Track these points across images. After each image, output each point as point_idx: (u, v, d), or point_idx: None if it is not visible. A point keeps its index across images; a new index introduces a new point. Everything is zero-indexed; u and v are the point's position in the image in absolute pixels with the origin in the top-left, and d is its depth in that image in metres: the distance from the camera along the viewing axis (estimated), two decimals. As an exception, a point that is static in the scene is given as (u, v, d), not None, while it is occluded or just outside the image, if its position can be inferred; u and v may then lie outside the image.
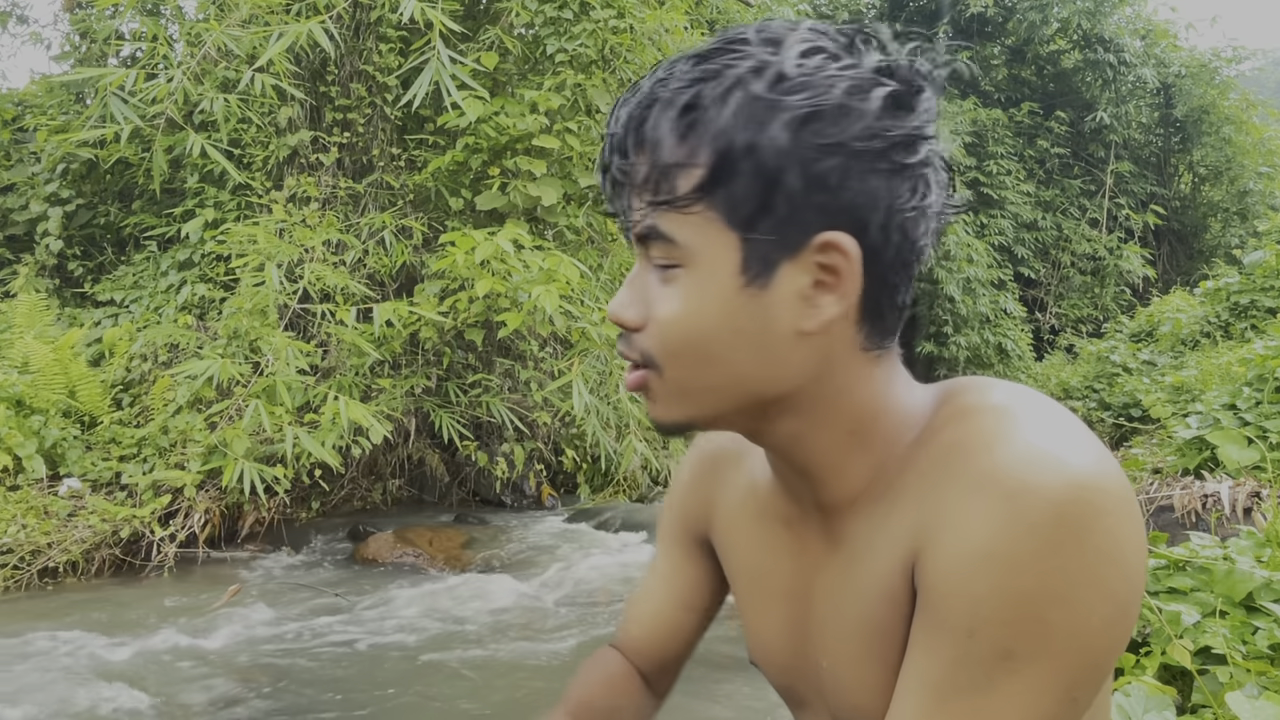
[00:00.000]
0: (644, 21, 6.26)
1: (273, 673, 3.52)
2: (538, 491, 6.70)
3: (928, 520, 0.59)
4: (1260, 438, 3.46)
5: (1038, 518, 0.54)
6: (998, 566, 0.55)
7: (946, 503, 0.58)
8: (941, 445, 0.62)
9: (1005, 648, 0.55)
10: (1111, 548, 0.55)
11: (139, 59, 6.40)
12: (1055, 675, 0.55)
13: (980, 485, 0.57)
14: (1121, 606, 0.56)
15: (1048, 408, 0.61)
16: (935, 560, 0.58)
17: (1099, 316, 14.92)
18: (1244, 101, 15.45)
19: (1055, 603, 0.54)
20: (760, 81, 0.59)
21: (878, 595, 0.64)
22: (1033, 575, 0.54)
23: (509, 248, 4.91)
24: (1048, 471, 0.55)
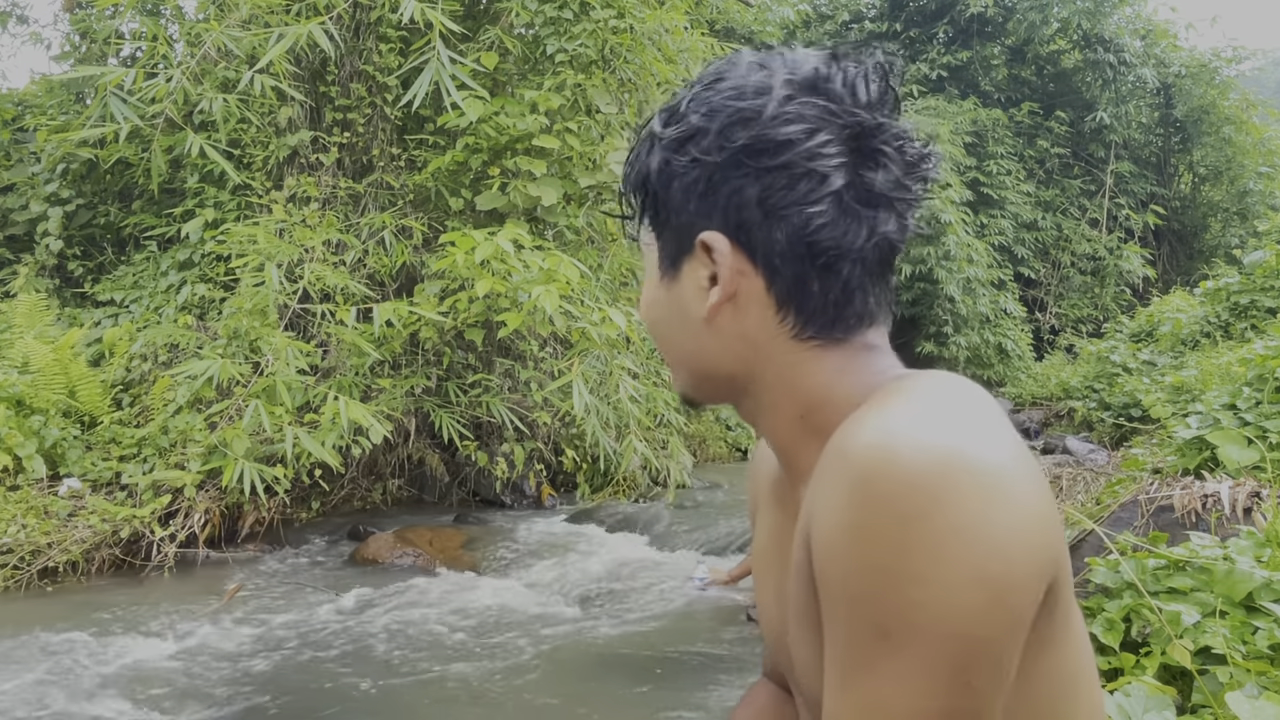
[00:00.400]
0: (644, 21, 6.25)
1: (273, 672, 3.52)
2: (538, 491, 6.70)
3: (812, 502, 0.63)
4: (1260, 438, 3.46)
5: (888, 491, 0.55)
6: (855, 540, 0.56)
7: (819, 483, 0.62)
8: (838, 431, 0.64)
9: (879, 625, 0.55)
10: (976, 527, 0.54)
11: (139, 59, 6.40)
12: (934, 658, 0.54)
13: (840, 464, 0.59)
14: (998, 590, 0.54)
15: (940, 392, 0.63)
16: (814, 538, 0.61)
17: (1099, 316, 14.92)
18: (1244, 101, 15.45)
19: (916, 580, 0.54)
20: (659, 122, 0.73)
21: (795, 572, 0.67)
22: (888, 550, 0.55)
23: (509, 248, 4.91)
24: (901, 449, 0.56)
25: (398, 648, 3.81)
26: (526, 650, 3.78)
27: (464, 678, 3.48)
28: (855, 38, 16.76)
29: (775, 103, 0.67)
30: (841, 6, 16.87)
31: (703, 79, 0.72)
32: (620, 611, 4.28)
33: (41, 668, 3.46)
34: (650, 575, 4.82)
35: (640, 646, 3.82)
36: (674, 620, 4.14)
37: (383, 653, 3.75)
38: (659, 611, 4.26)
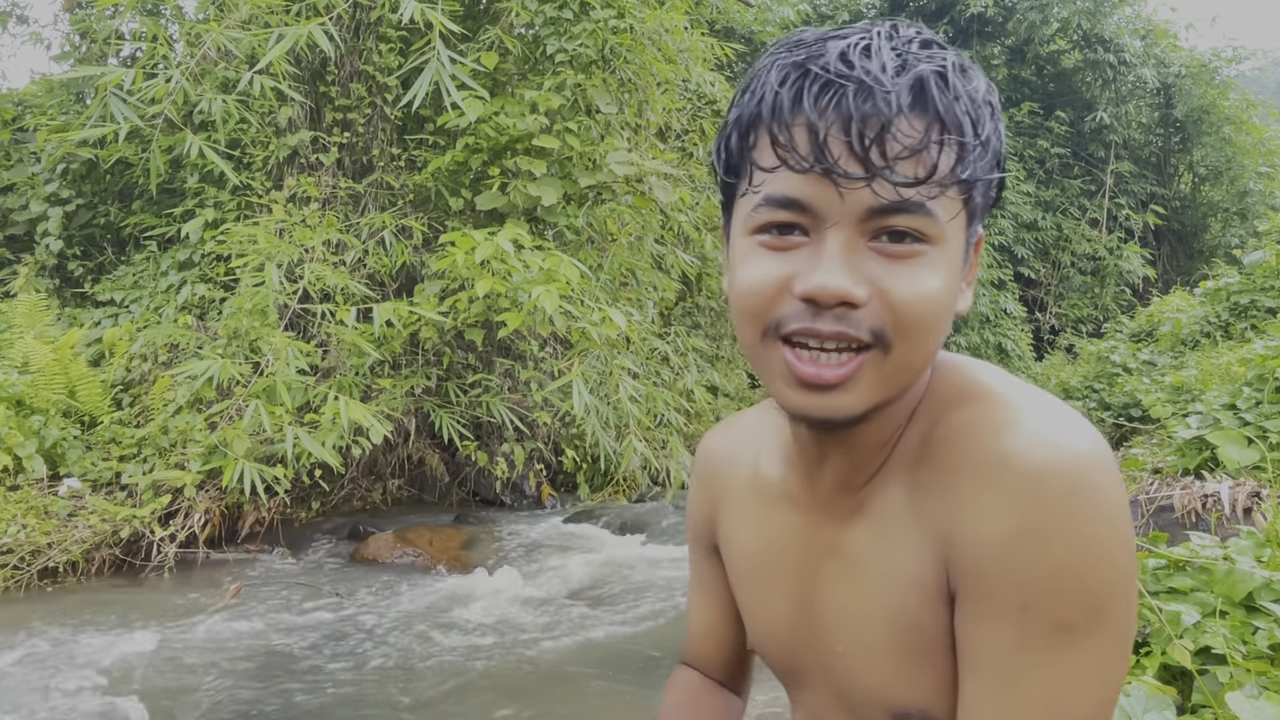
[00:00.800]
0: (644, 21, 6.25)
1: (273, 672, 3.52)
2: (538, 491, 6.70)
3: (954, 509, 0.63)
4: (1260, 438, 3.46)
5: (1057, 490, 0.59)
6: (1032, 541, 0.59)
7: (969, 489, 0.63)
8: (954, 429, 0.66)
9: (1060, 621, 0.59)
10: (1120, 507, 0.60)
11: (139, 59, 6.40)
12: (1113, 635, 0.60)
13: (1000, 470, 0.61)
14: (1132, 550, 0.61)
15: (1040, 396, 0.67)
16: (971, 547, 0.62)
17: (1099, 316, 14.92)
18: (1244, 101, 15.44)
19: (1093, 564, 0.59)
20: (979, 77, 0.65)
21: (907, 584, 0.67)
22: (1065, 547, 0.58)
23: (509, 248, 4.91)
24: (1056, 450, 0.61)
25: (398, 648, 3.81)
26: (526, 650, 3.78)
27: (464, 677, 3.48)
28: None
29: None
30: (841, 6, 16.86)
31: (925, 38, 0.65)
32: (620, 611, 4.28)
33: (41, 668, 3.46)
34: (650, 575, 4.82)
35: (640, 646, 3.82)
36: (674, 620, 4.14)
37: (383, 653, 3.75)
38: (659, 611, 4.26)
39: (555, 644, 3.85)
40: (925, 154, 0.61)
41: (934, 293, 0.63)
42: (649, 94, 6.59)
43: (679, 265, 7.69)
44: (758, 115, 0.65)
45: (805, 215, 0.63)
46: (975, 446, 0.64)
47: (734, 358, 10.05)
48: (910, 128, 0.61)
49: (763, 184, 0.65)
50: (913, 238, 0.63)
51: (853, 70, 0.61)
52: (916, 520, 0.66)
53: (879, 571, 0.69)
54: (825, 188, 0.62)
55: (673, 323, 8.79)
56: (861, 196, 0.61)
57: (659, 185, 6.31)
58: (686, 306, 9.38)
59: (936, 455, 0.66)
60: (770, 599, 0.81)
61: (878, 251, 0.63)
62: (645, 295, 7.12)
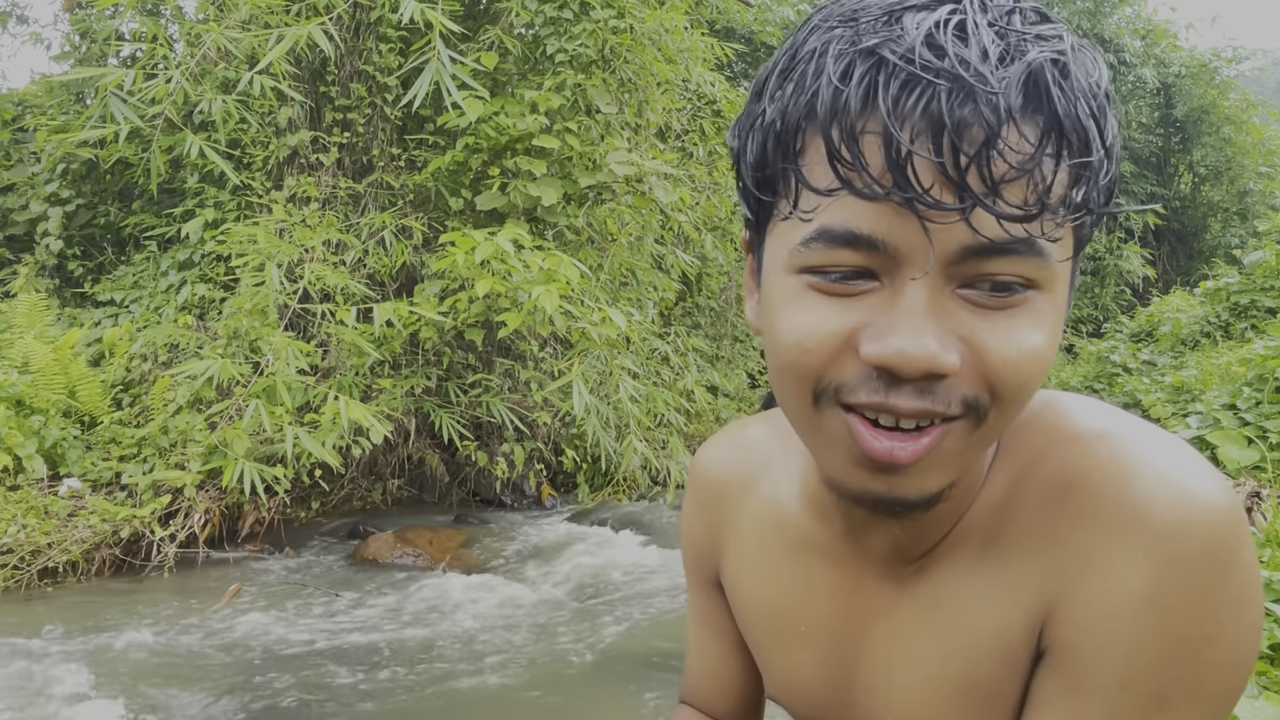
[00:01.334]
0: (644, 21, 6.25)
1: (273, 673, 3.52)
2: (538, 491, 6.70)
3: (1060, 570, 0.54)
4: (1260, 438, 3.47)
5: (1193, 556, 0.50)
6: (1155, 612, 0.51)
7: (1084, 548, 0.53)
8: (1050, 479, 0.56)
9: (1159, 695, 0.51)
10: (1253, 578, 0.52)
11: (139, 59, 6.40)
12: (1207, 714, 0.52)
13: (1127, 526, 0.52)
14: (1258, 633, 0.53)
15: (1152, 430, 0.56)
16: (1080, 612, 0.53)
17: (1099, 316, 14.91)
18: (1244, 101, 15.45)
19: (1209, 642, 0.51)
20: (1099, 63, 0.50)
21: (987, 653, 0.58)
22: (1189, 617, 0.50)
23: (509, 248, 4.91)
24: (1194, 505, 0.51)
25: (398, 648, 3.80)
26: (526, 650, 3.78)
27: (464, 678, 3.48)
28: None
29: None
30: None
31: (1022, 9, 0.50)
32: (620, 611, 4.28)
33: (41, 668, 3.46)
34: (650, 575, 4.81)
35: (640, 647, 3.82)
36: (674, 621, 4.14)
37: (383, 653, 3.75)
38: (660, 612, 4.26)
39: (555, 644, 3.85)
40: (1038, 175, 0.47)
41: (1039, 349, 0.51)
42: (649, 94, 6.59)
43: (679, 265, 7.69)
44: (810, 115, 0.49)
45: (876, 255, 0.49)
46: (1091, 496, 0.53)
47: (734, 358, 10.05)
48: (1020, 139, 0.47)
49: (815, 211, 0.50)
50: (1015, 283, 0.50)
51: (944, 60, 0.46)
52: (1003, 582, 0.57)
53: (951, 639, 0.59)
54: (906, 221, 0.48)
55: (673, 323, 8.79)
56: (954, 234, 0.48)
57: (659, 185, 6.30)
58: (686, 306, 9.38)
59: (1034, 508, 0.56)
60: (798, 662, 0.71)
61: (970, 301, 0.50)
62: (645, 295, 7.12)
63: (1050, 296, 0.51)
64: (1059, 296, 0.52)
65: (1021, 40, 0.47)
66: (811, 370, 0.52)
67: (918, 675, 0.62)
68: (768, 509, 0.72)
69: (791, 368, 0.53)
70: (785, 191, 0.52)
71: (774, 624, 0.72)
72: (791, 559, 0.69)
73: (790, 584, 0.70)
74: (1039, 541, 0.55)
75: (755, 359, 10.73)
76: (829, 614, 0.67)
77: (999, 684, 0.58)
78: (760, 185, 0.54)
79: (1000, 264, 0.49)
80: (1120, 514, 0.52)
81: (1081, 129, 0.47)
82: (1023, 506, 0.57)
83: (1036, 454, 0.57)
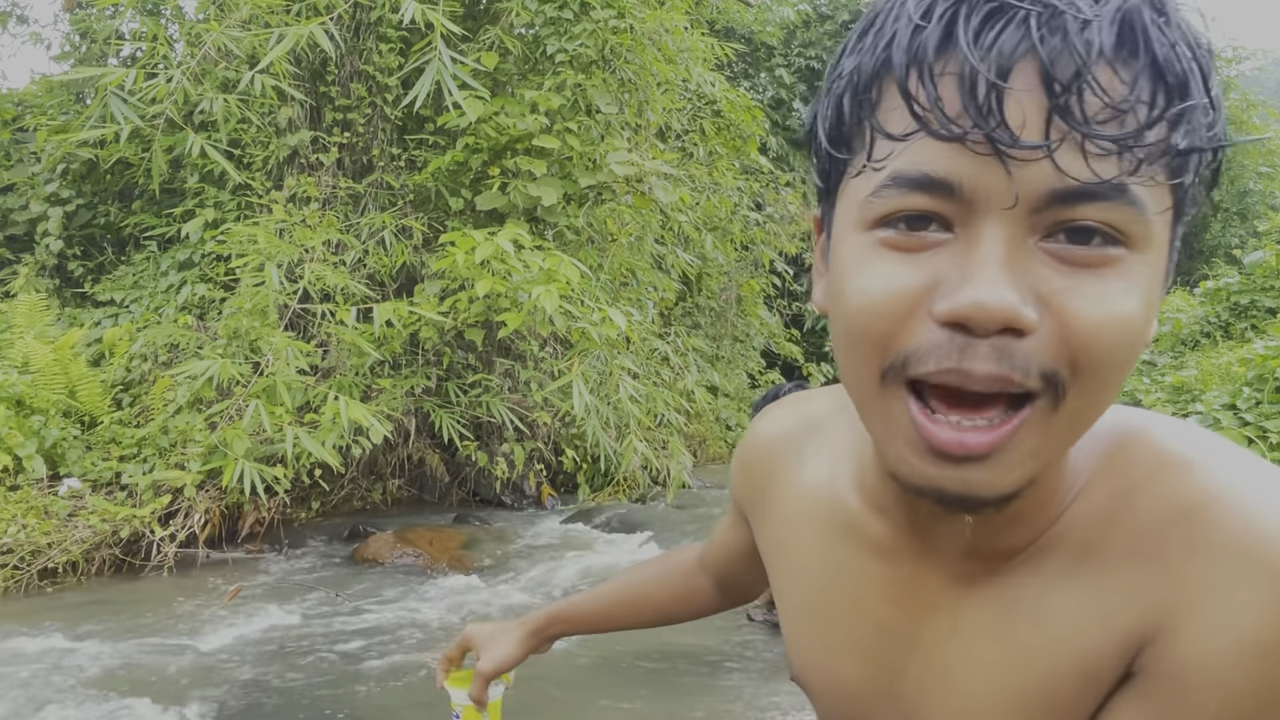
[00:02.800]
0: (644, 21, 6.25)
1: (273, 673, 3.52)
2: (538, 491, 6.70)
3: (1169, 598, 0.50)
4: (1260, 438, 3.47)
5: None
6: (1265, 655, 0.47)
7: (1198, 578, 0.49)
8: (1165, 502, 0.52)
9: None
10: None
11: (139, 59, 6.40)
12: None
13: (1248, 562, 0.48)
14: None
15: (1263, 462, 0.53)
16: (1186, 645, 0.49)
17: (1099, 316, 14.93)
18: (1244, 101, 15.46)
19: None
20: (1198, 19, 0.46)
21: (1067, 670, 0.55)
22: None
23: (509, 248, 4.91)
24: None
25: (398, 648, 3.80)
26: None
27: (464, 678, 3.48)
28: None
29: None
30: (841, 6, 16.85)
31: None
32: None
33: (41, 668, 3.46)
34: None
35: (639, 647, 3.82)
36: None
37: (383, 653, 3.75)
38: (659, 611, 4.26)
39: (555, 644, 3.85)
40: (1131, 118, 0.43)
41: (1131, 317, 0.46)
42: (649, 94, 6.59)
43: (679, 265, 7.70)
44: (887, 61, 0.46)
45: (951, 201, 0.46)
46: (1211, 526, 0.50)
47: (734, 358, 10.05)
48: (1114, 79, 0.43)
49: (888, 157, 0.47)
50: (1105, 237, 0.45)
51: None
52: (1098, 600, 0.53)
53: (1027, 649, 0.56)
54: (984, 162, 0.44)
55: (673, 323, 8.79)
56: (1039, 174, 0.44)
57: (659, 185, 6.31)
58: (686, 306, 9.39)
59: (1143, 529, 0.52)
60: (834, 647, 0.67)
61: (1053, 256, 0.46)
62: (645, 295, 7.12)
63: (1146, 259, 0.46)
64: (1156, 260, 0.47)
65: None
66: (881, 338, 0.48)
67: (983, 682, 0.58)
68: (820, 490, 0.69)
69: (859, 337, 0.49)
70: (860, 145, 0.49)
71: (811, 604, 0.69)
72: (840, 544, 0.66)
73: (836, 570, 0.67)
74: (1147, 564, 0.51)
75: (755, 359, 10.73)
76: (877, 606, 0.64)
77: (1074, 702, 0.55)
78: (835, 144, 0.51)
79: (1089, 210, 0.44)
80: (1242, 549, 0.48)
81: (1180, 72, 0.44)
82: (1129, 525, 0.53)
83: (1146, 474, 0.53)
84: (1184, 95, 0.44)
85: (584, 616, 1.06)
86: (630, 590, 1.05)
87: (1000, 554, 0.57)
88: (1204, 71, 0.45)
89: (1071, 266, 0.45)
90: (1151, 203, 0.45)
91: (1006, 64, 0.43)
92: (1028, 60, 0.43)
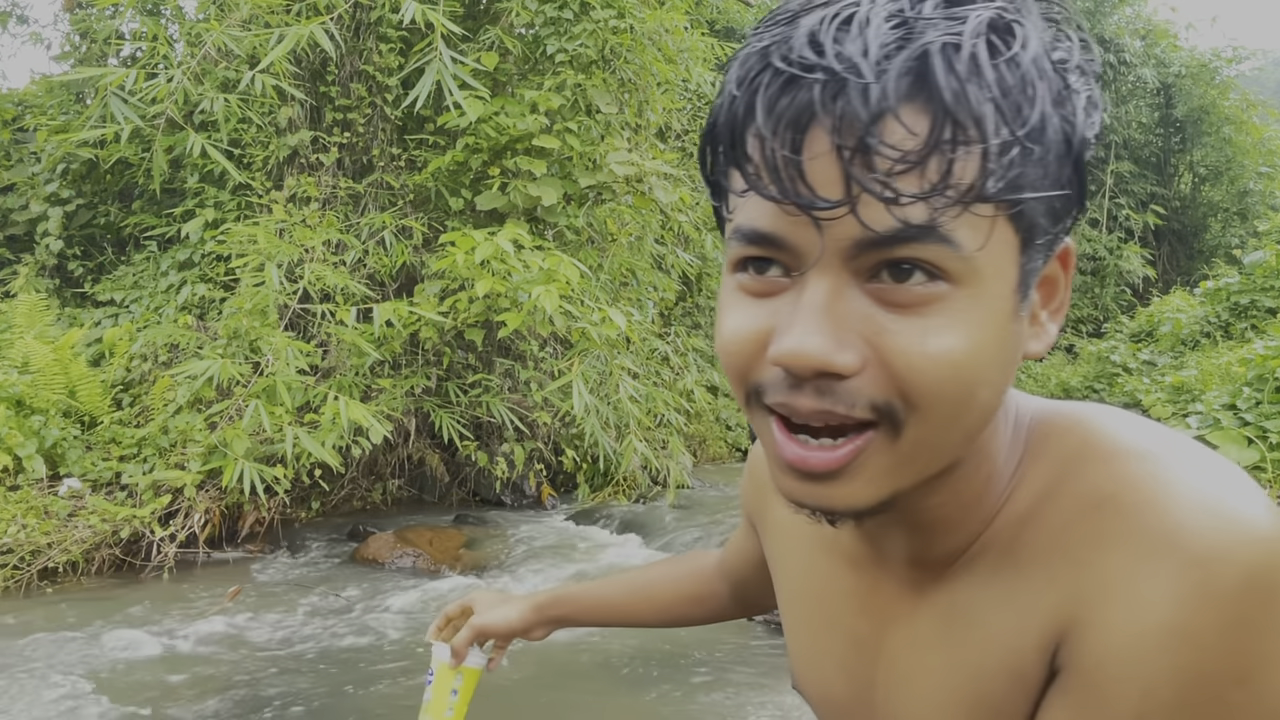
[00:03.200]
0: (644, 21, 6.25)
1: (273, 673, 3.52)
2: (538, 491, 6.70)
3: (1081, 591, 0.51)
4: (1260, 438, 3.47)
5: (1228, 588, 0.46)
6: (1181, 645, 0.47)
7: (1109, 570, 0.50)
8: (1080, 495, 0.53)
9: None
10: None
11: (139, 59, 6.40)
12: None
13: (1157, 550, 0.48)
14: None
15: (1196, 449, 0.53)
16: (1098, 638, 0.50)
17: (1099, 316, 14.92)
18: (1244, 101, 15.45)
19: (1237, 683, 0.47)
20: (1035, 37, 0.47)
21: (997, 671, 0.55)
22: (1218, 654, 0.47)
23: (509, 248, 4.91)
24: (1234, 532, 0.47)
25: (398, 648, 3.80)
26: (526, 650, 3.78)
27: (464, 678, 3.48)
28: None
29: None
30: (841, 6, 16.86)
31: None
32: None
33: (41, 668, 3.46)
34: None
35: (640, 647, 3.82)
36: (674, 620, 4.14)
37: (383, 653, 3.75)
38: (659, 611, 4.26)
39: (555, 645, 3.85)
40: (932, 162, 0.45)
41: (953, 352, 0.47)
42: (649, 94, 6.59)
43: (679, 265, 7.70)
44: (714, 125, 0.51)
45: (782, 252, 0.49)
46: (1121, 516, 0.50)
47: (734, 358, 10.03)
48: (906, 130, 0.44)
49: (734, 211, 0.52)
50: (924, 273, 0.47)
51: (822, 56, 0.45)
52: (1018, 598, 0.54)
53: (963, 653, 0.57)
54: (799, 219, 0.47)
55: (673, 323, 8.79)
56: (847, 227, 0.46)
57: (659, 185, 6.31)
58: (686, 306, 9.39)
59: (1059, 525, 0.53)
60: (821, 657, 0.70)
61: (877, 297, 0.48)
62: (645, 295, 7.12)
63: (972, 294, 0.47)
64: (985, 295, 0.48)
65: (924, 26, 0.45)
66: (739, 370, 0.53)
67: (934, 691, 0.59)
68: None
69: (727, 366, 0.54)
70: (722, 195, 0.53)
71: (802, 613, 0.72)
72: (822, 556, 0.69)
73: (813, 578, 0.70)
74: (1060, 559, 0.52)
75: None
76: (851, 618, 0.66)
77: (1006, 703, 0.55)
78: (713, 192, 0.55)
79: (902, 250, 0.46)
80: (1150, 537, 0.49)
81: (974, 114, 0.45)
82: (1047, 522, 0.54)
83: (1070, 469, 0.54)
84: (982, 136, 0.45)
85: (592, 602, 1.06)
86: (642, 584, 1.06)
87: (941, 560, 0.59)
88: (1010, 106, 0.45)
89: (894, 307, 0.48)
90: (971, 239, 0.46)
91: (800, 132, 0.46)
92: (818, 125, 0.45)
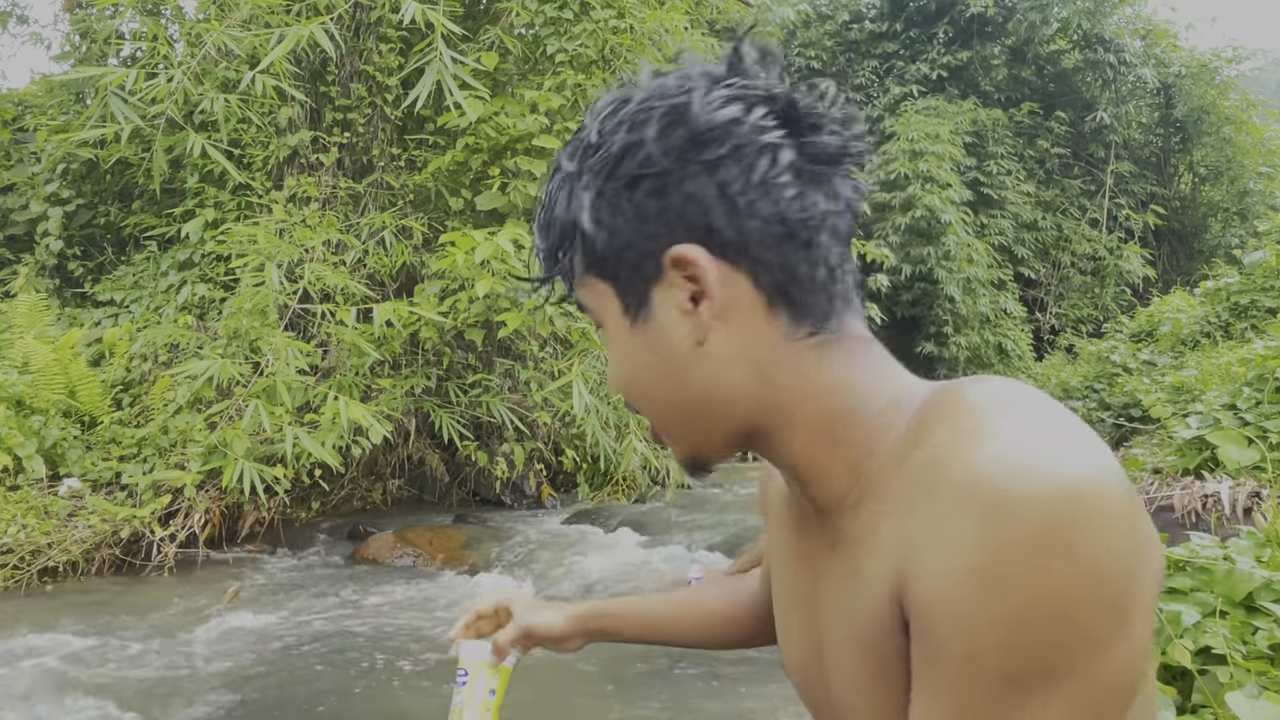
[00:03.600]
0: (644, 21, 6.26)
1: (273, 673, 3.52)
2: (538, 491, 6.70)
3: (911, 538, 0.55)
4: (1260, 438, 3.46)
5: (1023, 531, 0.50)
6: (985, 587, 0.50)
7: (927, 518, 0.54)
8: (926, 450, 0.57)
9: (1009, 673, 0.51)
10: (1107, 558, 0.50)
11: (139, 59, 6.40)
12: (1071, 697, 0.51)
13: (959, 497, 0.52)
14: (1126, 616, 0.51)
15: (1033, 404, 0.57)
16: (921, 583, 0.54)
17: (1099, 316, 14.92)
18: (1244, 101, 15.45)
19: (1053, 622, 0.50)
20: (572, 160, 0.67)
21: (867, 615, 0.60)
22: (1024, 594, 0.50)
23: (509, 248, 4.91)
24: (1030, 478, 0.50)
25: (398, 648, 3.80)
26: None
27: (464, 678, 3.48)
28: (855, 38, 16.76)
29: (701, 91, 0.63)
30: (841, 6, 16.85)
31: (602, 109, 0.69)
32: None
33: (41, 668, 3.46)
34: (650, 575, 4.81)
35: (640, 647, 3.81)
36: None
37: (383, 653, 3.75)
38: (659, 611, 4.25)
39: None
40: (547, 263, 0.70)
41: (614, 368, 0.69)
42: (649, 94, 6.59)
43: (679, 265, 7.68)
44: None
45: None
46: (938, 468, 0.54)
47: (734, 358, 10.03)
48: (539, 243, 0.71)
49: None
50: (598, 323, 0.70)
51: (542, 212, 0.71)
52: (878, 549, 0.59)
53: (850, 604, 0.62)
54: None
55: (673, 323, 8.77)
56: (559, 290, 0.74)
57: (659, 185, 6.30)
58: (686, 306, 9.37)
59: (904, 479, 0.58)
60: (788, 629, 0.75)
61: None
62: (645, 295, 7.11)
63: (607, 329, 0.68)
64: (611, 333, 0.68)
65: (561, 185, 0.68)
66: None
67: (839, 634, 0.65)
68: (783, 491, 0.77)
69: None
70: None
71: (779, 594, 0.78)
72: (785, 531, 0.76)
73: (783, 555, 0.76)
74: (901, 513, 0.57)
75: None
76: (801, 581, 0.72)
77: (880, 646, 0.59)
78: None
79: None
80: (955, 485, 0.53)
81: (551, 238, 0.69)
82: (899, 478, 0.58)
83: (932, 424, 0.58)
84: (553, 255, 0.69)
85: (634, 618, 1.05)
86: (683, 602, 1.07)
87: (831, 506, 0.65)
88: (547, 228, 0.69)
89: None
90: (594, 300, 0.68)
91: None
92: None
